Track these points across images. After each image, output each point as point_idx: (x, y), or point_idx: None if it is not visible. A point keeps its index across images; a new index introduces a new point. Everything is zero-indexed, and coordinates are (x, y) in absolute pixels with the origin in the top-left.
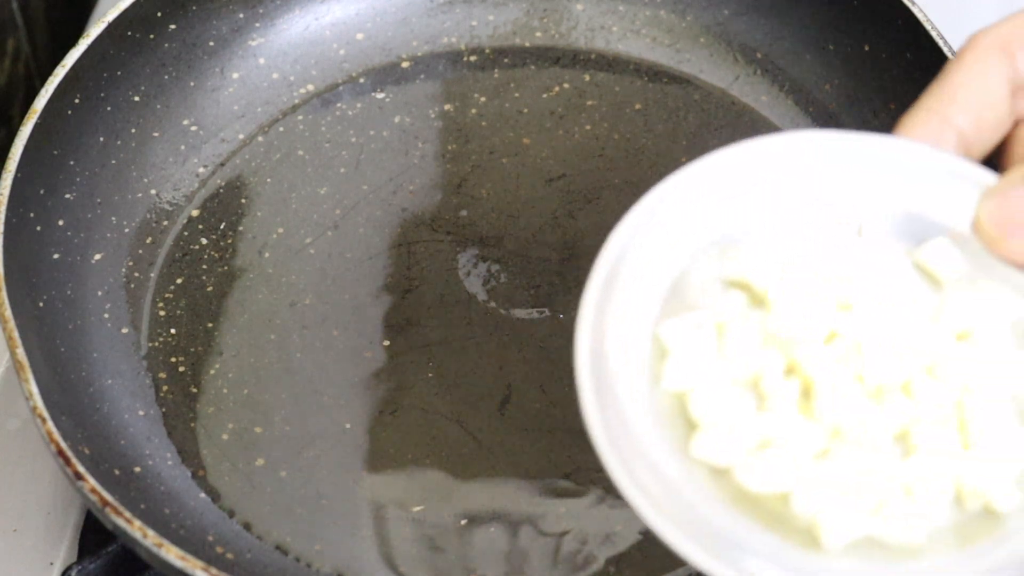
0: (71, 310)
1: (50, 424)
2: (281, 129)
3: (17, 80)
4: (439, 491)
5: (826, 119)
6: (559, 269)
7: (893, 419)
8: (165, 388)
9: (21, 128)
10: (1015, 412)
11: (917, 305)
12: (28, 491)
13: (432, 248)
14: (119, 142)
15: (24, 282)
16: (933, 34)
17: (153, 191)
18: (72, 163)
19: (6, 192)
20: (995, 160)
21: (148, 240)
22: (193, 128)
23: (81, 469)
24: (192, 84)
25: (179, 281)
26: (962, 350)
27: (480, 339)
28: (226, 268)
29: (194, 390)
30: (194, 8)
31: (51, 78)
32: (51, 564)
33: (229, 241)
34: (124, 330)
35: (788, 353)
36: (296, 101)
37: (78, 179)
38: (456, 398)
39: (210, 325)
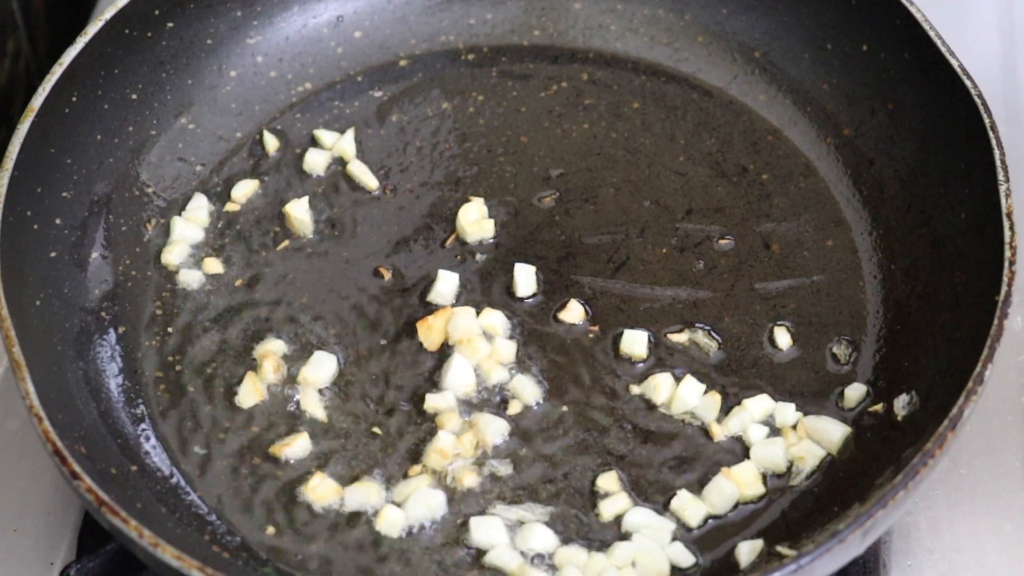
0: (68, 309)
1: (46, 423)
2: (279, 127)
3: (17, 80)
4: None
5: (824, 118)
6: (557, 268)
7: None
8: (162, 387)
9: (18, 126)
10: None
11: None
12: (28, 491)
13: (431, 247)
14: (116, 140)
15: (21, 280)
16: (931, 34)
17: (150, 189)
18: (69, 161)
19: (3, 191)
20: None
21: (145, 239)
22: (191, 126)
23: (77, 468)
24: (190, 82)
25: (176, 280)
26: None
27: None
28: (225, 268)
29: (191, 389)
30: (192, 6)
31: (48, 76)
32: (51, 564)
33: (227, 240)
34: (121, 328)
35: None
36: (294, 99)
37: (75, 177)
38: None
39: (208, 324)
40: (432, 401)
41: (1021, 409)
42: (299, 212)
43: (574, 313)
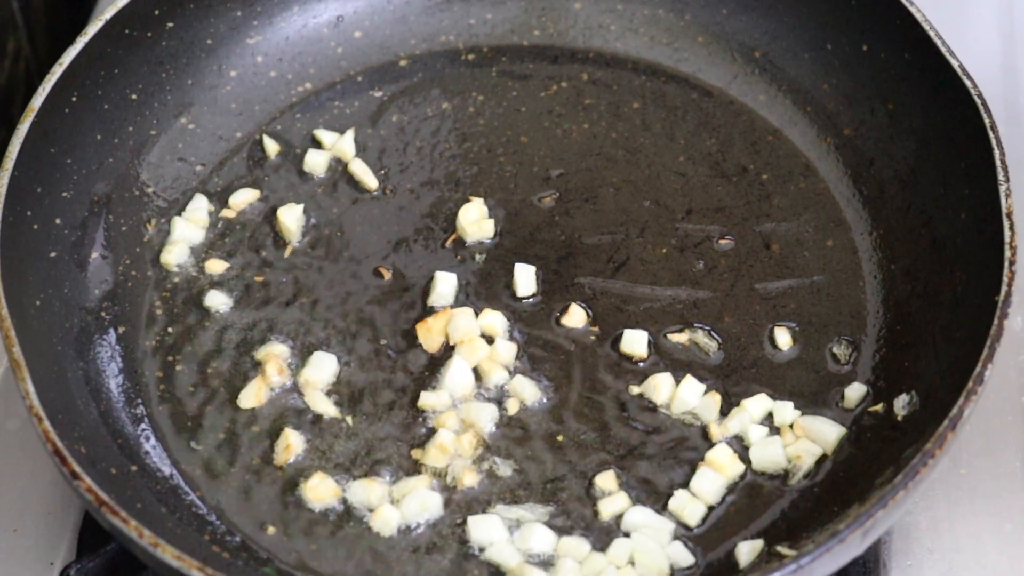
0: (68, 309)
1: (46, 423)
2: (279, 127)
3: (18, 80)
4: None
5: (824, 118)
6: (557, 268)
7: None
8: (162, 387)
9: (18, 126)
10: None
11: None
12: (28, 491)
13: (431, 247)
14: (116, 140)
15: (21, 280)
16: (931, 34)
17: (151, 189)
18: (69, 161)
19: (3, 191)
20: None
21: (145, 239)
22: (191, 127)
23: (77, 468)
24: (190, 82)
25: (176, 280)
26: None
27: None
28: (225, 268)
29: (191, 389)
30: (192, 6)
31: (48, 76)
32: (51, 564)
33: (227, 240)
34: (121, 328)
35: None
36: (294, 99)
37: (75, 177)
38: None
39: (208, 324)
40: (430, 401)
41: (1021, 409)
42: (288, 219)
43: (575, 317)
